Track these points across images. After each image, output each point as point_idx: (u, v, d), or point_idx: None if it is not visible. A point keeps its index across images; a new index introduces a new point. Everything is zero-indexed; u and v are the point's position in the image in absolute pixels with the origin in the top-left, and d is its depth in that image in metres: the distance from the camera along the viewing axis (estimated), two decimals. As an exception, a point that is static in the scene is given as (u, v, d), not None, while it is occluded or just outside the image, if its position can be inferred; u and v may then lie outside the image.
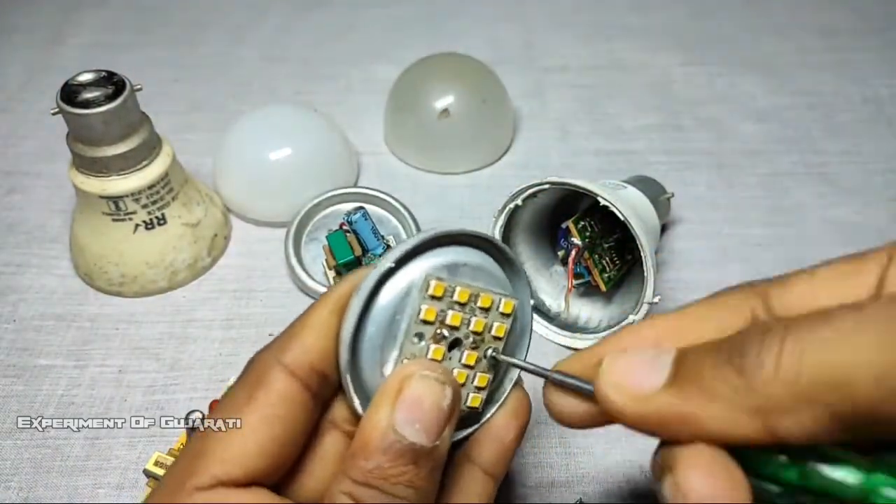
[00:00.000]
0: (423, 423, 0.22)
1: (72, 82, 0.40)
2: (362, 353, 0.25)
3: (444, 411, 0.23)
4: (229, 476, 0.22)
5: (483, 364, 0.27)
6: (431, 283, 0.25)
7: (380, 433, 0.22)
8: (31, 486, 0.36)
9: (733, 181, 0.53)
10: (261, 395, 0.23)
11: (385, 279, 0.25)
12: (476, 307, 0.26)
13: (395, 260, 0.24)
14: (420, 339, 0.25)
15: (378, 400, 0.23)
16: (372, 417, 0.23)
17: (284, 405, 0.23)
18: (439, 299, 0.25)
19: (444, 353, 0.25)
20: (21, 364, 0.41)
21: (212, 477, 0.22)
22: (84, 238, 0.44)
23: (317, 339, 0.24)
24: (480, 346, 0.26)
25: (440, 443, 0.23)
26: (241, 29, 0.69)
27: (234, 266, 0.47)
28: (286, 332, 0.25)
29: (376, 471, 0.22)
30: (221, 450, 0.23)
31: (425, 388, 0.23)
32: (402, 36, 0.68)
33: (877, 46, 0.66)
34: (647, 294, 0.38)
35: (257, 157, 0.48)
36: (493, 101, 0.54)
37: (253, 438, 0.23)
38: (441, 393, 0.23)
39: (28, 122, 0.59)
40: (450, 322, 0.25)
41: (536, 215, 0.44)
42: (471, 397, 0.26)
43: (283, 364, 0.24)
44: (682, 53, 0.65)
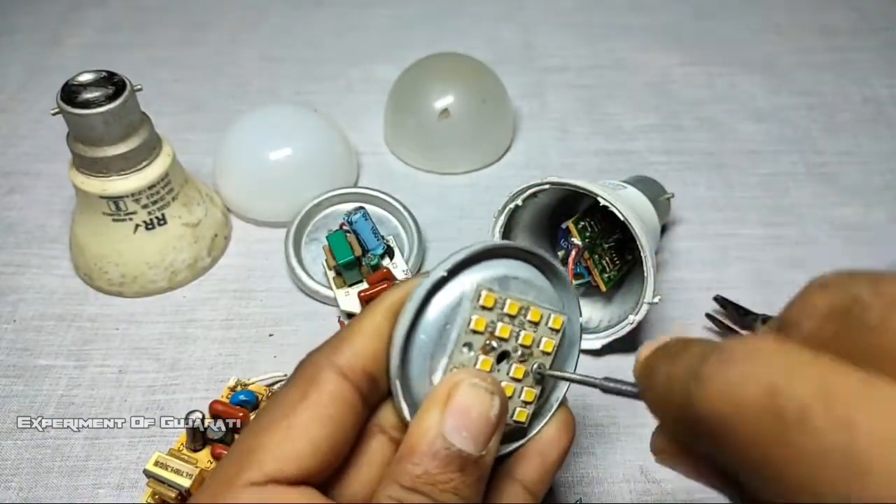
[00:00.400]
0: (471, 431, 0.23)
1: (72, 82, 0.40)
2: (412, 359, 0.25)
3: (492, 421, 0.23)
4: (282, 473, 0.22)
5: (530, 379, 0.27)
6: (483, 293, 0.25)
7: (428, 439, 0.22)
8: (31, 486, 0.36)
9: (733, 181, 0.53)
10: (313, 395, 0.23)
11: (437, 288, 0.25)
12: (526, 320, 0.26)
13: (448, 269, 0.25)
14: (469, 349, 0.25)
15: (427, 406, 0.23)
16: (421, 423, 0.23)
17: (336, 405, 0.24)
18: (490, 310, 0.25)
19: (492, 364, 0.26)
20: (21, 364, 0.42)
21: (264, 474, 0.22)
22: (84, 238, 0.44)
23: (369, 344, 0.25)
24: (528, 360, 0.26)
25: (487, 453, 0.23)
26: (241, 29, 0.69)
27: (234, 266, 0.47)
28: (339, 335, 0.25)
29: (424, 476, 0.22)
30: (275, 446, 0.23)
31: (474, 397, 0.23)
32: (402, 36, 0.68)
33: (877, 46, 0.66)
34: (647, 294, 0.38)
35: (257, 157, 0.48)
36: (493, 101, 0.54)
37: (306, 437, 0.23)
38: (489, 402, 0.23)
39: (28, 122, 0.59)
40: (499, 334, 0.25)
41: (536, 215, 0.44)
42: (517, 411, 0.26)
43: (335, 365, 0.24)
44: (682, 53, 0.65)
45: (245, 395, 0.38)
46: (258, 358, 0.42)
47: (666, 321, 0.43)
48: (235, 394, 0.38)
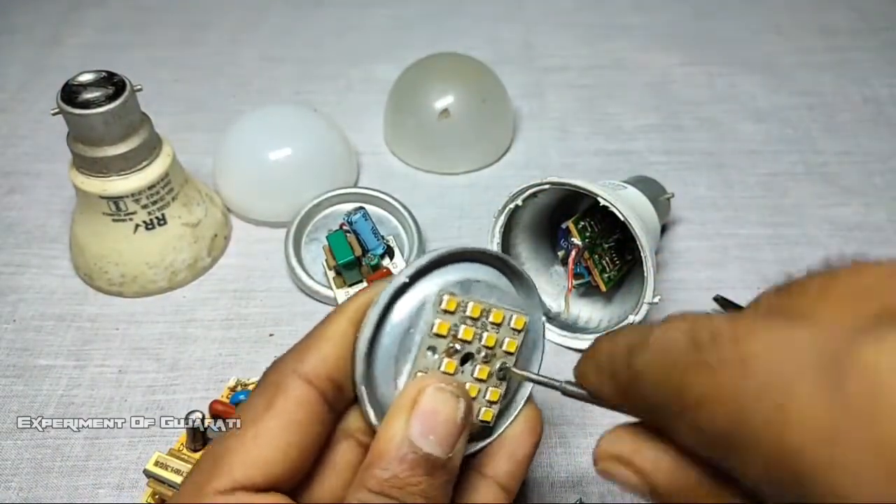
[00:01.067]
0: (438, 434, 0.23)
1: (72, 82, 0.40)
2: (377, 365, 0.25)
3: (458, 424, 0.24)
4: (250, 480, 0.23)
5: (494, 379, 0.27)
6: (445, 297, 0.25)
7: (396, 444, 0.23)
8: (31, 486, 0.36)
9: (733, 181, 0.53)
10: (280, 402, 0.24)
11: (400, 294, 0.26)
12: (488, 322, 0.27)
13: (410, 276, 0.25)
14: (433, 352, 0.26)
15: (394, 412, 0.24)
16: (388, 429, 0.23)
17: (303, 412, 0.24)
18: (452, 314, 0.26)
19: (456, 366, 0.26)
20: (21, 364, 0.42)
21: (232, 481, 0.23)
22: (84, 238, 0.44)
23: (334, 350, 0.25)
24: (492, 360, 0.27)
25: (454, 455, 0.24)
26: (241, 29, 0.69)
27: (234, 266, 0.47)
28: (303, 342, 0.26)
29: (392, 480, 0.22)
30: (242, 454, 0.23)
31: (440, 401, 0.24)
32: (402, 36, 0.68)
33: (877, 46, 0.66)
34: (647, 294, 0.38)
35: (257, 157, 0.48)
36: (493, 101, 0.54)
37: (273, 443, 0.23)
38: (455, 406, 0.24)
39: (28, 122, 0.59)
40: (462, 336, 0.26)
41: (536, 215, 0.44)
42: (483, 411, 0.27)
43: (300, 373, 0.24)
44: (682, 53, 0.65)
45: (245, 395, 0.38)
46: (258, 358, 0.42)
47: (666, 321, 0.43)
48: (235, 394, 0.38)
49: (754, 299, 0.19)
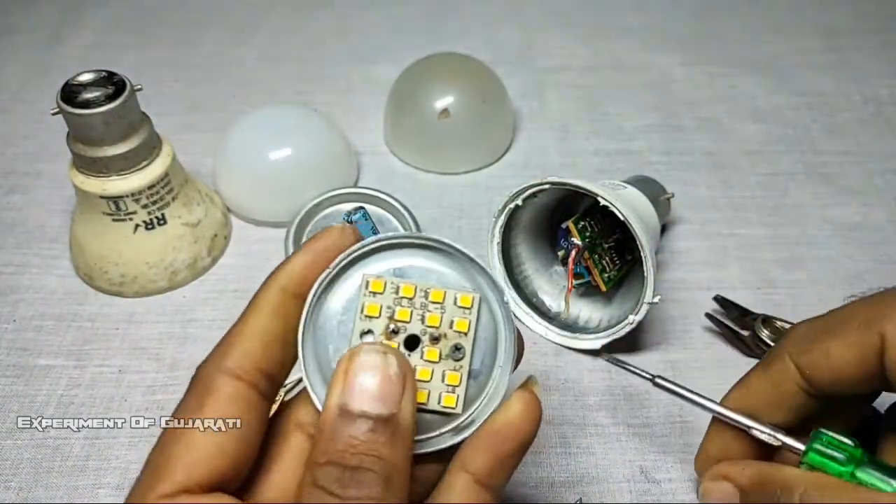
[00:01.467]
0: (371, 391, 0.22)
1: (72, 82, 0.40)
2: (316, 354, 0.26)
3: (393, 378, 0.23)
4: (192, 480, 0.22)
5: (450, 361, 0.26)
6: (369, 279, 0.26)
7: (334, 412, 0.22)
8: (31, 486, 0.36)
9: (733, 181, 0.53)
10: (210, 402, 0.24)
11: (329, 286, 0.26)
12: (428, 302, 0.26)
13: (335, 266, 0.26)
14: (371, 335, 0.26)
15: (329, 388, 0.23)
16: (327, 403, 0.23)
17: (235, 406, 0.24)
18: (381, 294, 0.26)
19: (398, 346, 0.26)
20: (21, 364, 0.41)
21: (175, 483, 0.22)
22: (84, 238, 0.44)
23: (256, 342, 0.25)
24: (441, 340, 0.26)
25: (400, 412, 0.23)
26: (241, 29, 0.69)
27: (234, 266, 0.47)
28: (223, 340, 0.25)
29: (338, 447, 0.22)
30: (181, 456, 0.23)
31: (367, 361, 0.23)
32: (402, 36, 0.68)
33: (877, 46, 0.66)
34: (647, 294, 0.38)
35: (257, 157, 0.48)
36: (493, 101, 0.54)
37: (210, 442, 0.23)
38: (384, 360, 0.23)
39: (28, 122, 0.59)
40: (398, 317, 0.26)
41: (536, 215, 0.44)
42: (443, 396, 0.26)
43: (225, 369, 0.24)
44: (682, 53, 0.65)
45: (245, 395, 0.38)
46: (258, 358, 0.42)
47: (666, 321, 0.43)
48: (235, 394, 0.38)
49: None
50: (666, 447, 0.37)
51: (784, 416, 0.30)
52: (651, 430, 0.38)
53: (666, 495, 0.36)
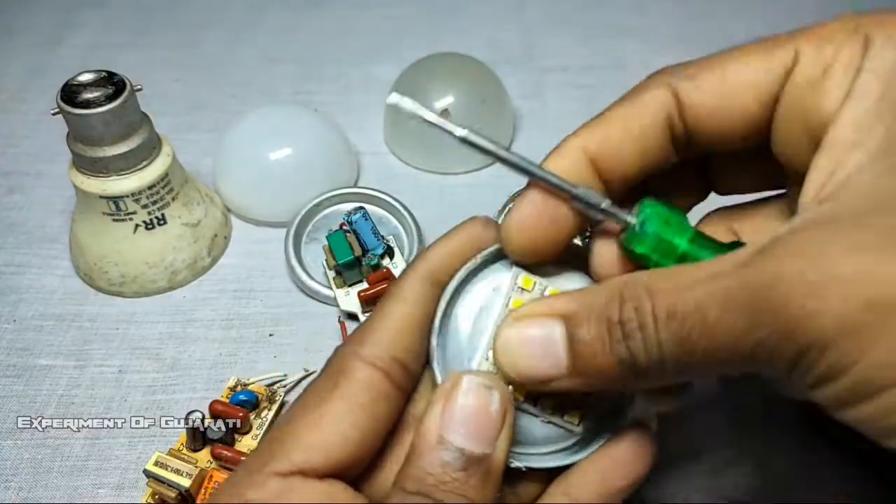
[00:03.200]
0: (470, 428, 0.22)
1: (72, 82, 0.40)
2: (450, 345, 0.25)
3: (493, 416, 0.22)
4: (309, 464, 0.22)
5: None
6: (521, 275, 0.25)
7: (429, 439, 0.22)
8: (31, 486, 0.36)
9: (733, 181, 0.53)
10: (344, 385, 0.23)
11: (472, 276, 0.25)
12: None
13: (481, 258, 0.25)
14: None
15: (429, 409, 0.23)
16: (426, 421, 0.22)
17: (367, 394, 0.23)
18: (529, 292, 0.25)
19: None
20: (21, 364, 0.41)
21: (291, 463, 0.22)
22: (84, 238, 0.44)
23: (395, 331, 0.24)
24: None
25: (494, 452, 0.22)
26: (241, 29, 0.69)
27: (234, 266, 0.47)
28: (364, 325, 0.25)
29: (426, 478, 0.22)
30: (303, 436, 0.22)
31: (471, 393, 0.22)
32: (402, 36, 0.68)
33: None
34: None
35: (257, 157, 0.48)
36: (493, 101, 0.54)
37: (336, 427, 0.23)
38: (487, 397, 0.22)
39: (28, 122, 0.59)
40: None
41: (536, 215, 0.44)
42: (569, 410, 0.25)
43: (361, 356, 0.24)
44: (682, 53, 0.65)
45: (245, 395, 0.38)
46: (258, 358, 0.42)
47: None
48: (235, 394, 0.38)
49: None
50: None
51: (633, 159, 0.24)
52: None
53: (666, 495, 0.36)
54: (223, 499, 0.23)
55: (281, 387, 0.40)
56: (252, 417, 0.38)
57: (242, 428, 0.37)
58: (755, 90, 0.22)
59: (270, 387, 0.39)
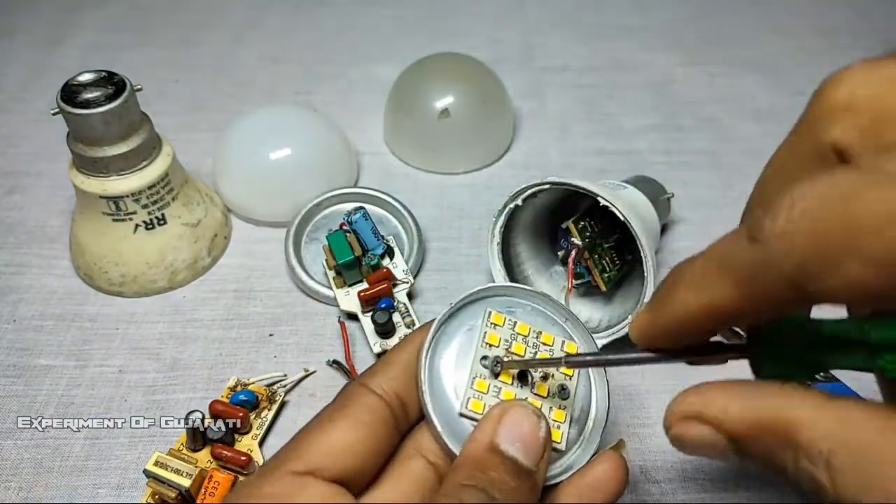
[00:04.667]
0: (524, 443, 0.25)
1: (72, 82, 0.40)
2: (438, 379, 0.27)
3: (540, 440, 0.25)
4: (319, 467, 0.24)
5: (557, 399, 0.28)
6: (491, 311, 0.29)
7: (483, 445, 0.25)
8: (31, 486, 0.36)
9: (733, 181, 0.53)
10: (350, 406, 0.26)
11: (450, 319, 0.29)
12: (539, 342, 0.29)
13: (457, 303, 0.29)
14: (486, 361, 0.28)
15: (481, 424, 0.25)
16: (476, 437, 0.25)
17: (370, 414, 0.26)
18: (501, 327, 0.29)
19: (512, 377, 0.28)
20: (21, 364, 0.41)
21: (305, 464, 0.24)
22: (84, 238, 0.44)
23: (400, 371, 0.27)
24: (550, 379, 0.28)
25: (538, 471, 0.25)
26: (241, 29, 0.69)
27: (234, 266, 0.47)
28: (373, 367, 0.28)
29: (482, 476, 0.24)
30: (315, 443, 0.25)
31: (524, 416, 0.25)
32: (402, 36, 0.68)
33: (877, 46, 0.66)
34: (647, 294, 0.38)
35: (257, 157, 0.48)
36: (493, 101, 0.54)
37: (343, 439, 0.25)
38: (537, 423, 0.25)
39: (28, 122, 0.59)
40: (514, 350, 0.28)
41: (536, 215, 0.44)
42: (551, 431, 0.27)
43: (368, 386, 0.27)
44: (682, 53, 0.65)
45: (245, 395, 0.38)
46: (258, 358, 0.42)
47: (666, 321, 0.43)
48: (235, 394, 0.38)
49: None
50: (666, 447, 0.37)
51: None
52: (651, 430, 0.38)
53: (666, 495, 0.36)
54: (242, 495, 0.25)
55: (281, 387, 0.40)
56: (252, 417, 0.38)
57: (242, 428, 0.37)
58: None
59: (270, 387, 0.39)
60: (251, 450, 0.37)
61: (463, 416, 0.27)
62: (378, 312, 0.41)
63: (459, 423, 0.27)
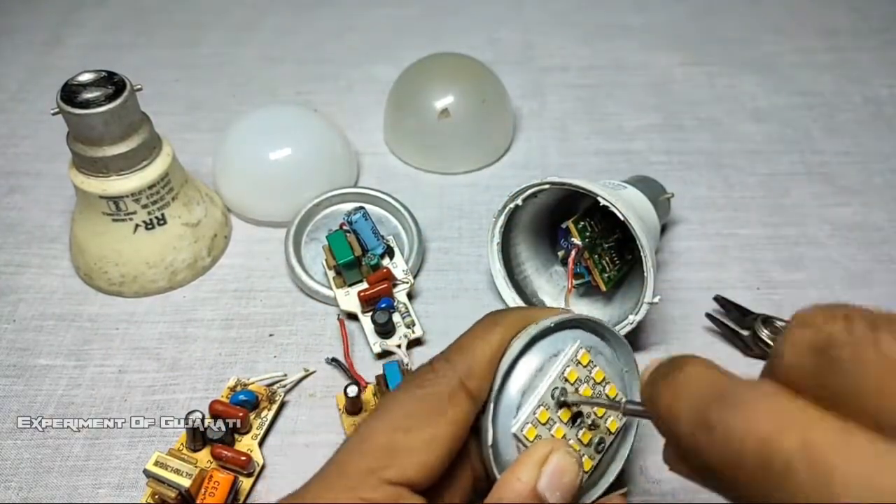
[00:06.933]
0: (563, 492, 0.25)
1: (72, 82, 0.40)
2: (506, 391, 0.27)
3: (576, 488, 0.26)
4: (414, 480, 0.24)
5: (592, 449, 0.29)
6: (581, 350, 0.29)
7: (525, 489, 0.25)
8: (31, 486, 0.36)
9: (733, 181, 0.53)
10: (451, 412, 0.25)
11: (542, 336, 0.28)
12: (603, 392, 0.29)
13: (555, 322, 0.28)
14: (553, 396, 0.28)
15: (525, 461, 0.25)
16: (520, 475, 0.25)
17: (466, 426, 0.26)
18: (583, 367, 0.29)
19: (569, 416, 0.28)
20: (21, 364, 0.41)
21: (404, 476, 0.24)
22: (84, 238, 0.44)
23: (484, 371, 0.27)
24: (595, 430, 0.29)
25: None
26: (241, 29, 0.69)
27: (234, 266, 0.47)
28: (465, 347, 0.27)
29: None
30: (417, 453, 0.24)
31: (569, 463, 0.26)
32: (402, 36, 0.68)
33: (877, 46, 0.66)
34: (647, 294, 0.38)
35: (257, 157, 0.48)
36: (493, 101, 0.54)
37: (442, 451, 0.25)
38: (578, 472, 0.26)
39: (28, 122, 0.59)
40: (582, 392, 0.28)
41: (536, 215, 0.44)
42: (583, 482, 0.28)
43: (468, 388, 0.26)
44: (682, 53, 0.65)
45: (245, 394, 0.38)
46: (258, 358, 0.42)
47: (666, 321, 0.43)
48: (235, 394, 0.38)
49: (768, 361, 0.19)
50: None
51: None
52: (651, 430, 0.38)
53: (666, 495, 0.36)
54: (331, 492, 0.24)
55: (281, 387, 0.40)
56: (252, 417, 0.38)
57: (242, 428, 0.37)
58: None
59: (270, 387, 0.39)
60: (251, 450, 0.37)
61: (514, 437, 0.27)
62: (378, 312, 0.41)
63: (508, 442, 0.27)
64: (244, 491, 0.35)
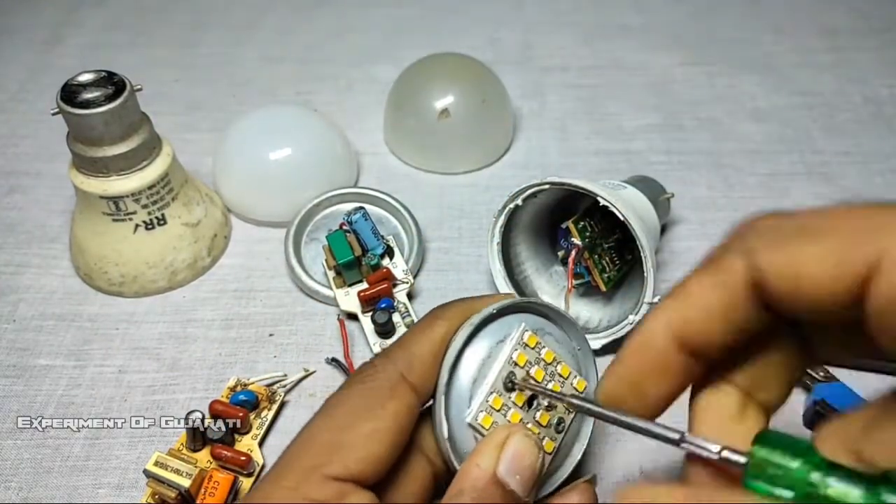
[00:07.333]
0: (523, 476, 0.25)
1: (72, 82, 0.40)
2: (456, 383, 0.27)
3: (536, 472, 0.25)
4: (361, 475, 0.24)
5: (552, 430, 0.29)
6: (527, 332, 0.29)
7: (484, 476, 0.24)
8: (31, 486, 0.36)
9: (733, 181, 0.53)
10: (392, 405, 0.25)
11: (485, 324, 0.28)
12: (556, 372, 0.29)
13: (498, 308, 0.28)
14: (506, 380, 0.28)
15: (483, 448, 0.25)
16: (478, 461, 0.25)
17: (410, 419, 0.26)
18: (531, 349, 0.29)
19: (524, 401, 0.28)
20: (21, 364, 0.42)
21: (347, 471, 0.24)
22: (84, 238, 0.44)
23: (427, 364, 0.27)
24: (552, 411, 0.29)
25: (529, 501, 0.25)
26: (241, 29, 0.69)
27: (234, 266, 0.47)
28: (407, 345, 0.27)
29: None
30: (360, 447, 0.24)
31: (527, 446, 0.25)
32: (402, 36, 0.68)
33: (877, 46, 0.66)
34: (647, 294, 0.38)
35: (257, 157, 0.48)
36: (493, 101, 0.54)
37: (385, 443, 0.25)
38: (537, 454, 0.26)
39: (28, 122, 0.59)
40: (534, 375, 0.28)
41: (536, 215, 0.44)
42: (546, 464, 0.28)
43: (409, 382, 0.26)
44: (682, 53, 0.65)
45: (245, 394, 0.38)
46: (258, 358, 0.42)
47: (666, 321, 0.43)
48: (235, 394, 0.38)
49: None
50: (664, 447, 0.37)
51: (729, 332, 0.23)
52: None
53: (666, 495, 0.36)
54: (277, 492, 0.24)
55: (281, 387, 0.40)
56: (252, 417, 0.38)
57: (242, 428, 0.37)
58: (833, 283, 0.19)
59: (270, 387, 0.39)
60: (251, 450, 0.37)
61: (470, 426, 0.27)
62: (378, 312, 0.41)
63: (464, 432, 0.27)
64: (244, 491, 0.35)
